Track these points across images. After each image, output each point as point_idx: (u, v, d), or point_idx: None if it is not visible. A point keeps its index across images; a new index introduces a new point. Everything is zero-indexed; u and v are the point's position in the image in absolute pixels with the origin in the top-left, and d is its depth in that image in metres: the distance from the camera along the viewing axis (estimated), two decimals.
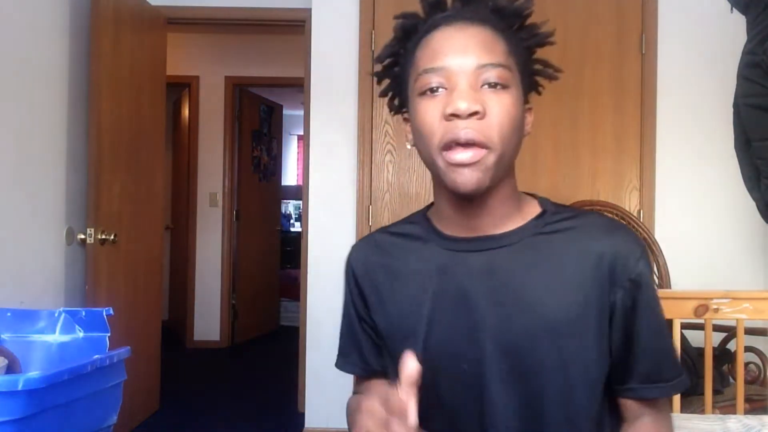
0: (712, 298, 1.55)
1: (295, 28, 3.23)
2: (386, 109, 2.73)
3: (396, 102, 0.93)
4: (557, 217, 0.86)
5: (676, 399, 1.56)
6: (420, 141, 0.82)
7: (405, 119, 0.90)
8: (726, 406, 1.72)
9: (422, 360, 0.72)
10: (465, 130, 0.76)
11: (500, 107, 0.78)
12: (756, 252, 2.63)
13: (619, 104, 2.63)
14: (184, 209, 4.93)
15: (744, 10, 1.69)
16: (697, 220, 2.65)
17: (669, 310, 1.57)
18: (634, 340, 0.82)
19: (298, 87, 3.58)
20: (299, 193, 3.62)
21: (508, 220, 0.85)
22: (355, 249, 0.96)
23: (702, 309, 1.55)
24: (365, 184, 2.67)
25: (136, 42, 2.93)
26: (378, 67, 0.92)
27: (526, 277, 0.82)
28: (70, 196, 2.63)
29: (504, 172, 0.81)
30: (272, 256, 5.54)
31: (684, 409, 1.66)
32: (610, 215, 2.48)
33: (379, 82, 0.93)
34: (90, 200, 2.59)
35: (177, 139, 5.33)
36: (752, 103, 1.63)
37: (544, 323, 0.80)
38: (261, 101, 5.37)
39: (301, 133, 4.32)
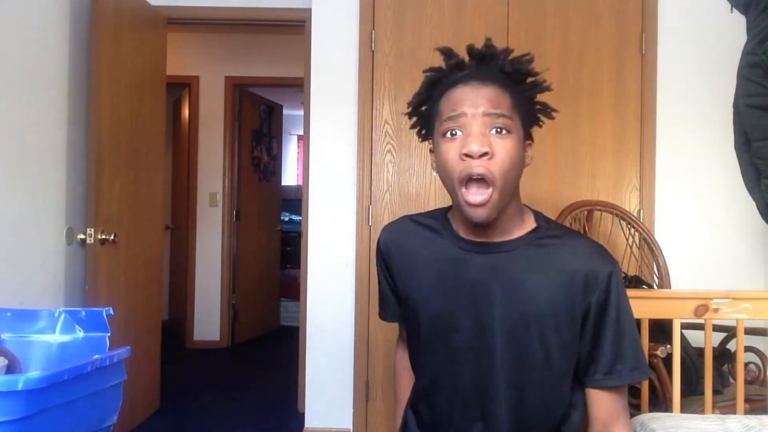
0: (712, 298, 1.55)
1: (295, 28, 3.23)
2: (386, 110, 2.75)
3: (423, 132, 1.20)
4: (548, 233, 1.12)
5: (676, 399, 1.56)
6: (443, 173, 1.09)
7: (431, 150, 1.15)
8: (726, 406, 1.72)
9: (428, 327, 1.13)
10: (477, 168, 1.01)
11: (504, 150, 1.02)
12: (756, 252, 2.63)
13: (619, 104, 2.63)
14: (184, 209, 4.92)
15: (744, 10, 1.69)
16: (697, 220, 2.65)
17: (669, 310, 1.58)
18: (601, 336, 1.07)
19: (298, 87, 3.57)
20: (299, 193, 3.62)
21: (510, 231, 1.11)
22: (384, 231, 1.26)
23: (702, 309, 1.55)
24: (365, 184, 2.66)
25: (136, 42, 2.93)
26: (409, 109, 1.20)
27: (521, 276, 1.08)
28: (70, 196, 2.63)
29: (507, 200, 1.06)
30: (272, 256, 5.53)
31: (684, 409, 1.66)
32: (591, 238, 2.48)
33: (410, 118, 1.21)
34: (90, 200, 2.59)
35: (177, 139, 5.33)
36: (752, 103, 1.63)
37: (533, 312, 1.07)
38: (261, 101, 5.37)
39: (301, 133, 4.32)
